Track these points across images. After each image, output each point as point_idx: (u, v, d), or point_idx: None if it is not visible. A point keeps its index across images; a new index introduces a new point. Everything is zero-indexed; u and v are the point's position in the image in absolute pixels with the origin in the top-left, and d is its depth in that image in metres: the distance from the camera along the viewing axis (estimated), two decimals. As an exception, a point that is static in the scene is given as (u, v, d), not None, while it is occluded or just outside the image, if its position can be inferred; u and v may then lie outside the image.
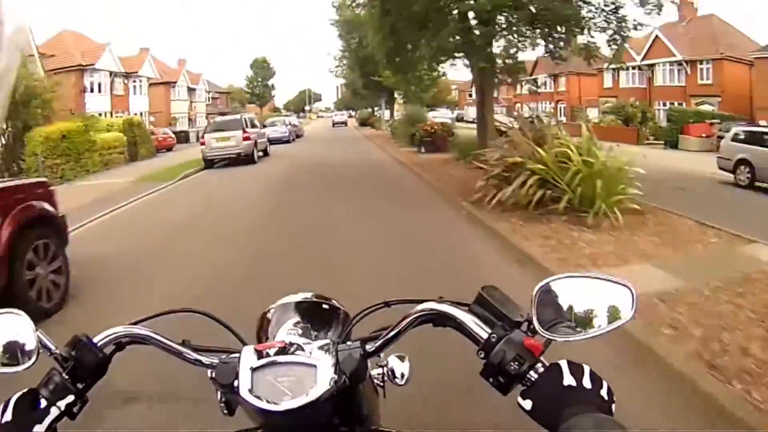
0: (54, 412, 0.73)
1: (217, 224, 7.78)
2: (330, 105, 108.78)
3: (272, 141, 22.43)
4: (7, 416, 0.71)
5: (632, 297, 0.73)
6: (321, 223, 7.34)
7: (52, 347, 0.77)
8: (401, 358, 0.81)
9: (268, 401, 0.67)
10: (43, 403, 0.72)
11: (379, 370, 0.82)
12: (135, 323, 0.84)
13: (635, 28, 11.12)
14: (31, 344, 0.77)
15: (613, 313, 0.72)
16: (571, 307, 0.72)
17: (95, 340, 0.78)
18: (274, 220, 7.82)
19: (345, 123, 51.24)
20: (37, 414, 0.72)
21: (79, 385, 0.75)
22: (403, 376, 0.80)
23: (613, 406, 0.66)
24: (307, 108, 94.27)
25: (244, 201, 9.80)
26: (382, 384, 0.83)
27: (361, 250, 5.81)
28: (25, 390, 0.73)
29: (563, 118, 31.39)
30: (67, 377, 0.74)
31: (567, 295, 0.73)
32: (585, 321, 0.72)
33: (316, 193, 10.22)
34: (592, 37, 11.70)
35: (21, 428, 0.70)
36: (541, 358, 0.70)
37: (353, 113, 78.80)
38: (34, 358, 0.76)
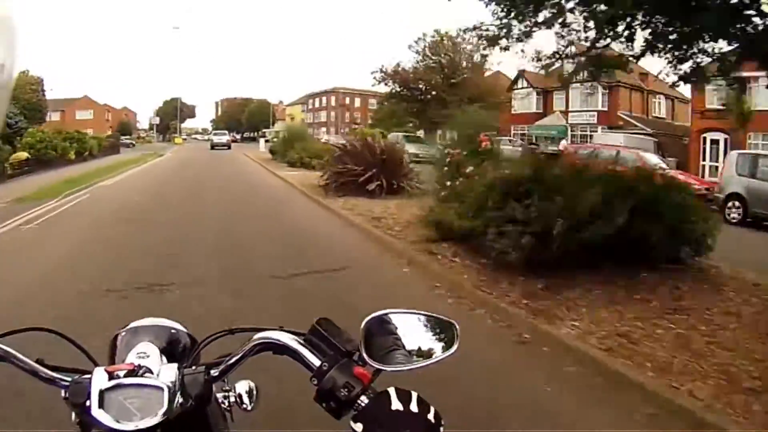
0: None
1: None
2: (207, 125, 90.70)
3: None
4: None
5: (455, 332, 0.83)
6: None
7: None
8: (247, 384, 0.87)
9: (118, 421, 0.71)
10: None
11: (225, 395, 0.87)
12: None
13: None
14: None
15: (439, 346, 0.83)
16: (400, 339, 0.81)
17: None
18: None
19: (228, 146, 42.72)
20: None
21: None
22: (249, 401, 0.87)
23: (442, 429, 0.72)
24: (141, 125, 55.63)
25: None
26: (229, 409, 0.88)
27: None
28: None
29: None
30: None
31: (397, 328, 0.82)
32: (414, 352, 0.81)
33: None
34: None
35: None
36: (372, 385, 0.76)
37: (236, 135, 58.53)
38: None
